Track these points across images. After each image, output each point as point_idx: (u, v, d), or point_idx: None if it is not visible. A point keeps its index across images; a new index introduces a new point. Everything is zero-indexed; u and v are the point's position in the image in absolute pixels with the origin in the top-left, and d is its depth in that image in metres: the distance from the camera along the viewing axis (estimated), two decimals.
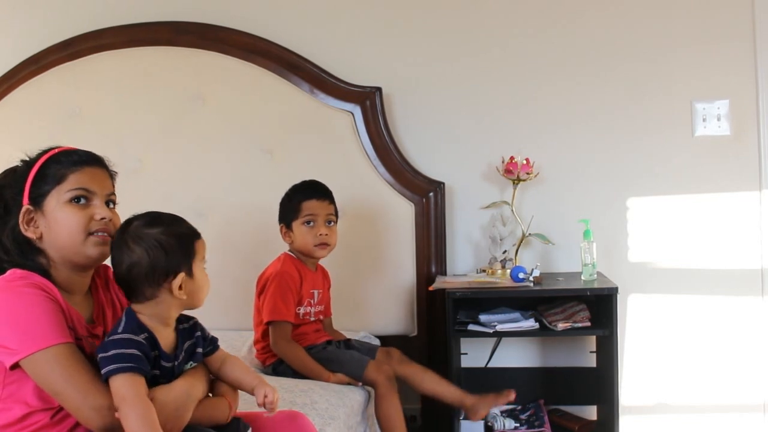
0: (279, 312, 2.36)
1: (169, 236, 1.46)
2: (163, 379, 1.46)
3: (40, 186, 1.48)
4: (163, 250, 1.45)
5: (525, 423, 2.77)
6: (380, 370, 2.33)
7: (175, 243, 1.46)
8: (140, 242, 1.44)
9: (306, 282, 2.45)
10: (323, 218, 2.46)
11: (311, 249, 2.46)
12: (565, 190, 2.98)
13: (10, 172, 1.56)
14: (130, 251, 1.44)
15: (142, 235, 1.45)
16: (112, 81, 3.07)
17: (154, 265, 1.44)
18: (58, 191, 1.47)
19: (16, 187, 1.50)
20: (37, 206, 1.48)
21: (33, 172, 1.49)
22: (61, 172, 1.48)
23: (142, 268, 1.44)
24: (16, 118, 3.10)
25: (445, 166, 3.01)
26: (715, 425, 2.93)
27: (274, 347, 2.37)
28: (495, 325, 2.59)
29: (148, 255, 1.44)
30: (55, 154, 1.51)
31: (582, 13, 2.98)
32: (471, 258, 3.03)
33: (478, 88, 3.01)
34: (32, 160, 1.52)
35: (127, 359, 1.38)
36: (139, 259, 1.44)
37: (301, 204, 2.46)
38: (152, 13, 3.09)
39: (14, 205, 1.49)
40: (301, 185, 2.52)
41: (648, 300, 2.95)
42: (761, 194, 2.89)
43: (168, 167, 3.04)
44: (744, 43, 2.88)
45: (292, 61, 3.00)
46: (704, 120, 2.91)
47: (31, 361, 1.37)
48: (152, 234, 1.45)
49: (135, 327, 1.44)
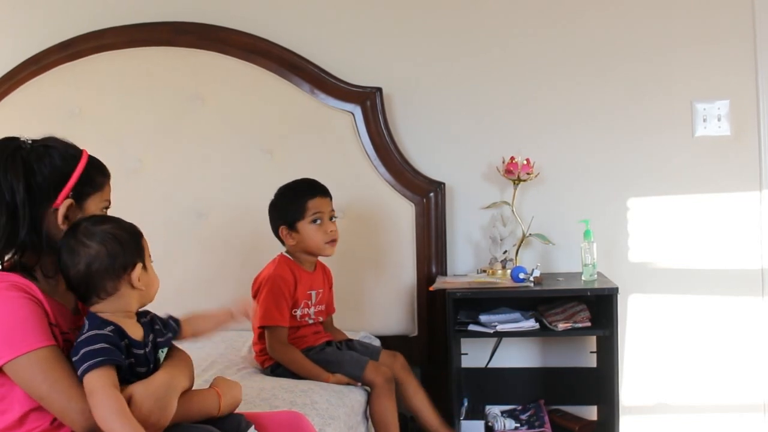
0: (272, 317, 2.35)
1: (120, 230, 1.50)
2: (140, 367, 1.47)
3: (84, 186, 1.54)
4: (119, 242, 1.47)
5: (525, 423, 2.77)
6: (379, 370, 2.34)
7: (128, 236, 1.50)
8: (94, 238, 1.46)
9: (301, 284, 2.43)
10: (328, 215, 2.45)
11: (322, 247, 2.44)
12: (565, 191, 2.98)
13: (19, 146, 1.54)
14: (87, 248, 1.45)
15: (94, 232, 1.47)
16: (113, 81, 3.07)
17: (113, 256, 1.46)
18: (99, 197, 1.58)
19: (47, 169, 1.51)
20: (77, 204, 1.53)
21: (78, 172, 1.53)
22: (101, 180, 1.59)
23: (102, 262, 1.45)
24: (17, 119, 3.09)
25: (445, 166, 3.01)
26: (716, 425, 2.93)
27: (270, 352, 2.37)
28: (495, 326, 2.59)
29: (106, 248, 1.46)
30: (92, 159, 1.59)
31: (582, 13, 2.98)
32: (471, 258, 3.03)
33: (478, 88, 3.01)
34: (69, 154, 1.54)
35: (95, 354, 1.39)
36: (97, 254, 1.45)
37: (306, 203, 2.43)
38: (152, 13, 3.09)
39: (37, 190, 1.49)
40: (299, 185, 2.50)
41: (648, 300, 2.95)
42: (761, 194, 2.89)
43: (168, 167, 3.03)
44: (744, 43, 2.88)
45: (292, 61, 3.00)
46: (704, 120, 2.91)
47: (14, 366, 1.38)
48: (105, 229, 1.48)
49: (99, 323, 1.44)
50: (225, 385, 1.64)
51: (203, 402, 1.57)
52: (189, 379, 1.57)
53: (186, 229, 3.00)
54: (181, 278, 2.89)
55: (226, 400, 1.60)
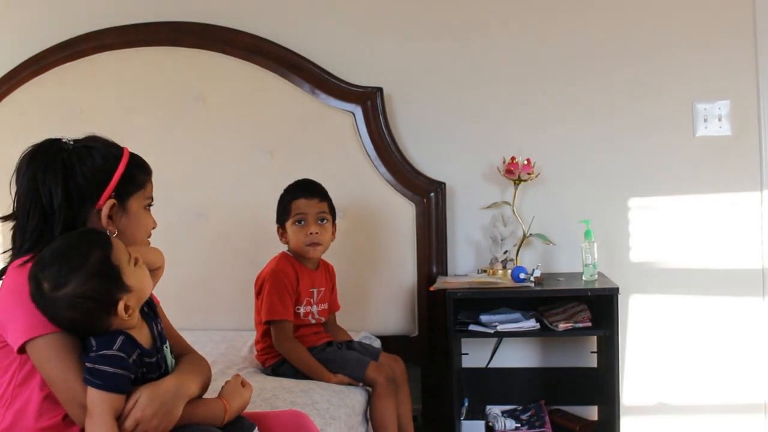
0: (276, 311, 2.35)
1: (84, 285, 1.36)
2: (151, 374, 1.47)
3: (126, 185, 1.55)
4: (88, 300, 1.37)
5: (526, 423, 2.77)
6: (380, 370, 2.34)
7: (96, 284, 1.37)
8: (64, 305, 1.36)
9: (304, 280, 2.43)
10: (313, 217, 2.44)
11: (303, 249, 2.45)
12: (565, 191, 2.98)
13: (61, 148, 1.54)
14: (62, 318, 1.37)
15: (58, 301, 1.36)
16: (113, 81, 3.07)
17: (89, 314, 1.38)
18: (141, 195, 1.60)
19: (89, 169, 1.51)
20: (120, 203, 1.55)
21: (120, 172, 1.54)
22: (143, 178, 1.61)
23: (84, 322, 1.38)
24: (17, 119, 3.10)
25: (446, 166, 3.01)
26: (716, 426, 2.92)
27: (277, 347, 2.37)
28: (496, 326, 2.59)
29: (78, 312, 1.37)
30: (133, 156, 1.59)
31: (583, 14, 2.97)
32: (472, 258, 3.03)
33: (479, 88, 3.01)
34: (110, 153, 1.55)
35: (99, 375, 1.36)
36: (73, 319, 1.37)
37: (291, 204, 2.46)
38: (153, 13, 3.09)
39: (79, 185, 1.50)
40: (291, 185, 2.52)
41: (649, 300, 2.95)
42: (762, 195, 2.89)
43: (168, 167, 3.01)
44: (745, 43, 2.88)
45: (293, 61, 3.00)
46: (705, 120, 2.91)
47: (34, 345, 1.39)
48: (66, 294, 1.36)
49: (108, 338, 1.40)
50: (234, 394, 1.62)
51: (208, 411, 1.56)
52: (201, 386, 1.57)
53: (186, 230, 3.00)
54: (181, 278, 2.89)
55: (232, 411, 1.59)
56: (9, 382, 1.45)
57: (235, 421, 1.60)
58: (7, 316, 1.43)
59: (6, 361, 1.45)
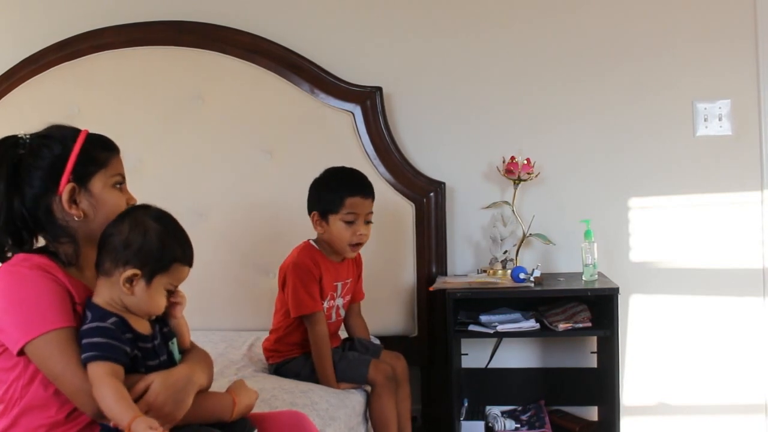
0: (306, 306, 2.29)
1: (160, 234, 1.51)
2: (149, 360, 1.47)
3: (85, 166, 1.53)
4: (159, 240, 1.50)
5: (526, 424, 2.77)
6: (379, 369, 2.32)
7: (169, 239, 1.53)
8: (146, 228, 1.49)
9: (327, 274, 2.35)
10: (364, 217, 2.35)
11: (345, 248, 2.35)
12: (565, 190, 2.98)
13: (15, 143, 1.54)
14: (134, 229, 1.48)
15: (148, 226, 1.50)
16: (112, 81, 3.06)
17: (138, 249, 1.47)
18: (104, 174, 1.55)
19: (43, 161, 1.51)
20: (81, 185, 1.52)
21: (75, 153, 1.51)
22: (104, 156, 1.56)
23: (127, 247, 1.47)
24: (16, 118, 3.08)
25: (445, 166, 3.01)
26: (717, 426, 2.92)
27: (311, 334, 2.30)
28: (496, 326, 2.58)
29: (143, 239, 1.48)
30: (91, 136, 1.57)
31: (583, 13, 2.97)
32: (471, 258, 3.02)
33: (478, 88, 3.01)
34: (66, 139, 1.54)
35: (92, 347, 1.39)
36: (127, 239, 1.47)
37: (344, 199, 2.31)
38: (152, 12, 3.08)
39: (36, 178, 1.50)
40: (345, 176, 2.40)
41: (649, 300, 2.95)
42: (763, 194, 2.88)
43: (168, 167, 3.03)
44: (746, 42, 2.88)
45: (292, 61, 2.99)
46: (705, 120, 2.90)
47: (32, 346, 1.40)
48: (158, 229, 1.51)
49: (102, 315, 1.44)
50: (241, 392, 1.62)
51: (218, 404, 1.56)
52: (208, 377, 1.58)
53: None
54: None
55: (240, 407, 1.59)
56: (15, 383, 1.45)
57: (235, 422, 1.59)
58: (1, 321, 1.43)
59: (10, 363, 1.45)
